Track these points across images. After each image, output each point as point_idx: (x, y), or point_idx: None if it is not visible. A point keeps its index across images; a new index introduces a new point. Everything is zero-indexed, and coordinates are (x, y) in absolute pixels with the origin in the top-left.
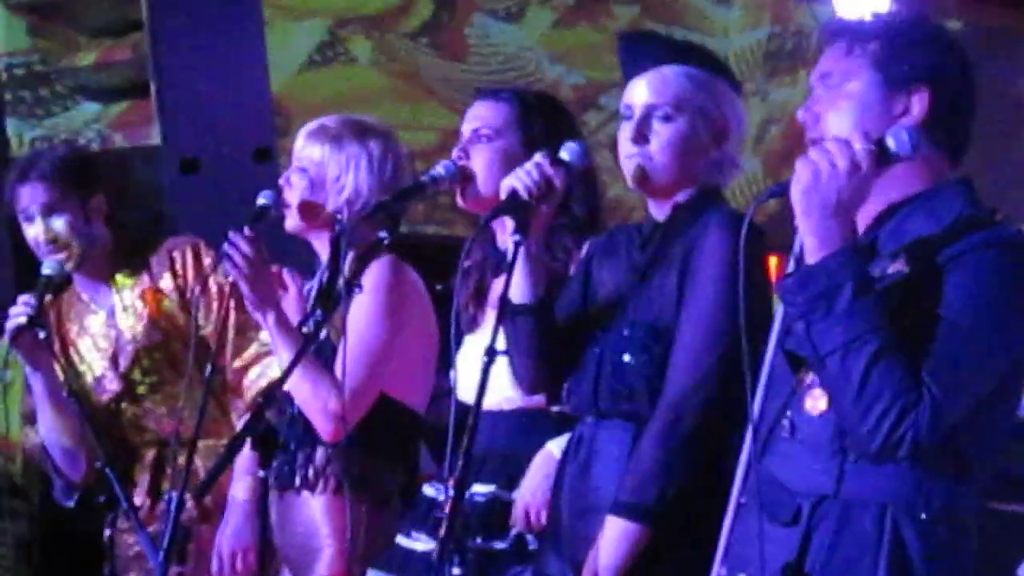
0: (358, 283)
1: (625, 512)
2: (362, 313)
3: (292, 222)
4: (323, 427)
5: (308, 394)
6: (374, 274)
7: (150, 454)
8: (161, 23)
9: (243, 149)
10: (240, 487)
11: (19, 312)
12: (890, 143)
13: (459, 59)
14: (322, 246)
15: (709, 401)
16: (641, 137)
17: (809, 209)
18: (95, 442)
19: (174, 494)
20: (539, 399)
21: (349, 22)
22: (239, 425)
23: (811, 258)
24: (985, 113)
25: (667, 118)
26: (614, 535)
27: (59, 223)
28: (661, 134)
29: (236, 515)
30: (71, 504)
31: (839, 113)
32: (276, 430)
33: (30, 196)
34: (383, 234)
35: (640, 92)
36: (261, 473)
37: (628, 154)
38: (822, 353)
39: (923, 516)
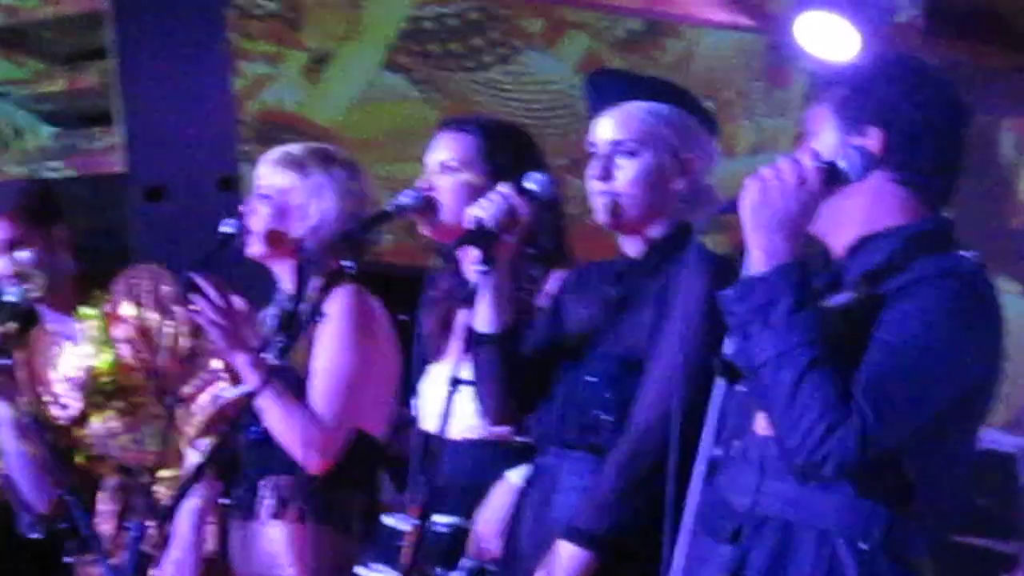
0: (321, 312)
1: (576, 538)
2: (331, 343)
3: (256, 249)
4: (307, 460)
5: (288, 429)
6: (338, 302)
7: (112, 481)
8: (127, 51)
9: (208, 178)
10: (184, 518)
11: None
12: (841, 164)
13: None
14: (283, 273)
15: (671, 435)
16: (606, 174)
17: (756, 223)
18: (57, 470)
19: (136, 522)
20: (503, 429)
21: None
22: (188, 452)
23: (755, 271)
24: None
25: (631, 153)
26: (564, 560)
27: (23, 256)
28: (626, 169)
29: (178, 547)
30: (37, 536)
31: (804, 158)
32: (238, 457)
33: None
34: (348, 263)
35: (604, 129)
36: (223, 500)
37: (595, 191)
38: (756, 364)
39: (862, 546)
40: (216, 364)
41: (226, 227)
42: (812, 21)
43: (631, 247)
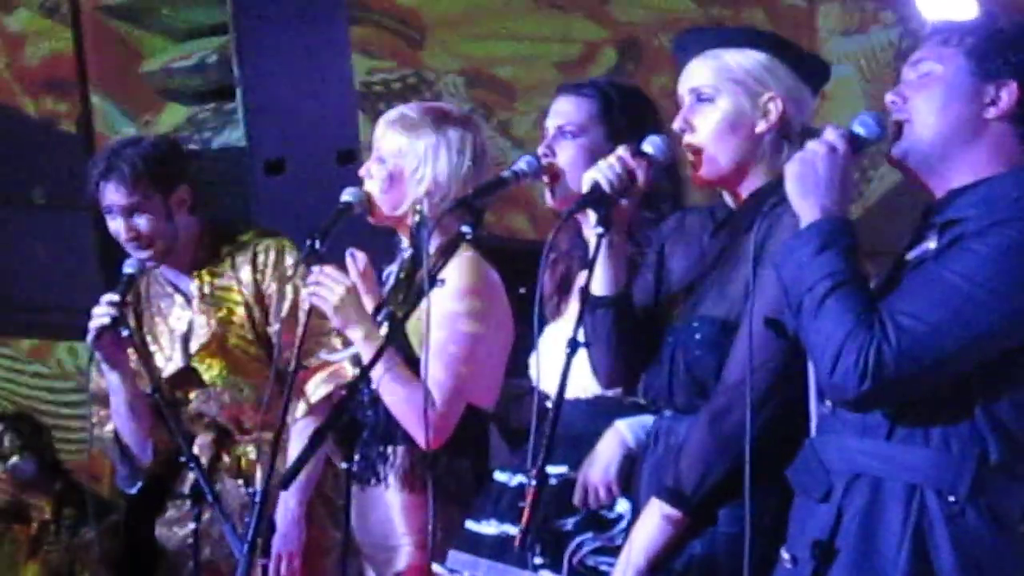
0: (440, 278)
1: (664, 496)
2: (448, 316)
3: (374, 211)
4: (421, 435)
5: (403, 403)
6: (457, 272)
7: (204, 440)
8: (246, 26)
9: (327, 151)
10: (291, 492)
11: (102, 312)
12: (857, 129)
13: None
14: (405, 234)
15: (763, 392)
16: (687, 125)
17: (796, 192)
18: (180, 440)
19: (258, 487)
20: (616, 390)
21: None
22: (298, 423)
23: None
24: None
25: (708, 100)
26: (652, 516)
27: (141, 222)
28: (704, 117)
29: (286, 520)
30: (133, 491)
31: (928, 94)
32: (358, 424)
33: (111, 196)
34: (466, 228)
35: (683, 79)
36: (343, 466)
37: (683, 144)
38: (792, 310)
39: (951, 499)
40: (336, 345)
41: (347, 196)
42: None
43: (730, 199)
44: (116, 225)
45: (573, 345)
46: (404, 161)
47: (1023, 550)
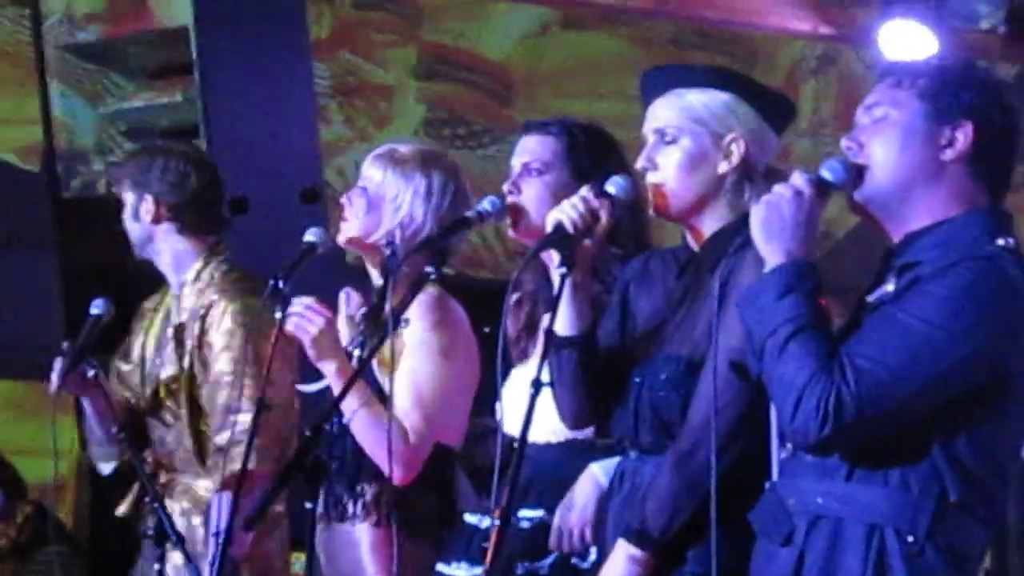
0: (405, 316)
1: (631, 537)
2: (417, 354)
3: (345, 236)
4: (392, 471)
5: (374, 440)
6: (423, 308)
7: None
8: (210, 65)
9: (291, 189)
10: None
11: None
12: (825, 174)
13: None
14: (375, 267)
15: (727, 433)
16: (651, 163)
17: (762, 236)
18: (144, 480)
19: (221, 528)
20: (586, 432)
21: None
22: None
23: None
24: None
25: (672, 140)
26: (619, 558)
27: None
28: (667, 156)
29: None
30: (108, 472)
31: (884, 140)
32: (323, 463)
33: None
34: (429, 269)
35: (648, 118)
36: (308, 505)
37: (645, 182)
38: (756, 355)
39: (910, 539)
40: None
41: (310, 236)
42: (895, 30)
43: (692, 239)
44: None
45: (537, 385)
46: (384, 190)
47: None
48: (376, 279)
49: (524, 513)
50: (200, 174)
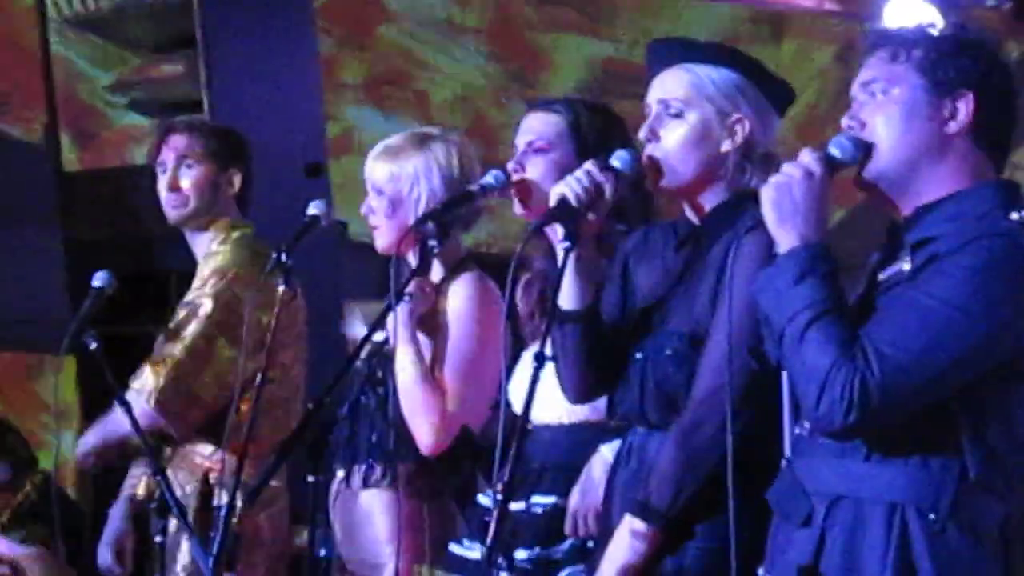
0: (408, 292)
1: (637, 512)
2: (458, 331)
3: (383, 242)
4: (426, 439)
5: (420, 405)
6: (466, 288)
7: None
8: (214, 39)
9: (294, 164)
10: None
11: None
12: (833, 151)
13: None
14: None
15: (733, 405)
16: (653, 134)
17: (775, 218)
18: (147, 451)
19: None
20: (598, 414)
21: None
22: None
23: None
24: None
25: (677, 114)
26: (624, 533)
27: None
28: (672, 130)
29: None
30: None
31: (886, 118)
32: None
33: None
34: (432, 243)
35: (654, 89)
36: (311, 478)
37: (645, 153)
38: (776, 339)
39: (931, 516)
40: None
41: (313, 209)
42: (901, 6)
43: (691, 213)
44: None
45: (540, 359)
46: (399, 185)
47: (1002, 565)
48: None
49: (537, 499)
50: None
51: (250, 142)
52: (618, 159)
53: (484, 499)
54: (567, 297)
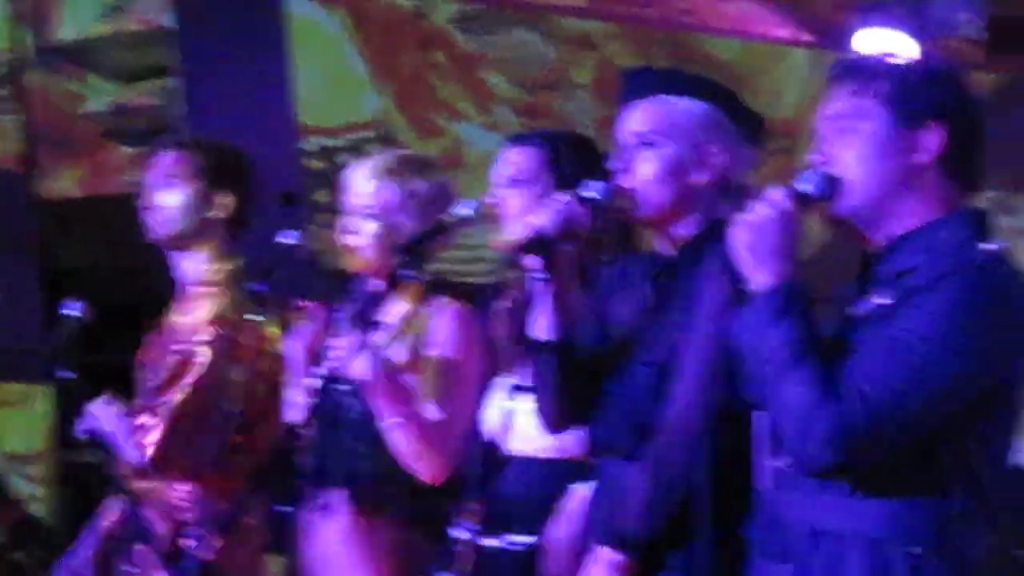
0: (378, 320)
1: (610, 542)
2: (446, 361)
3: (362, 263)
4: (426, 470)
5: (415, 439)
6: (453, 324)
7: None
8: (191, 68)
9: (270, 192)
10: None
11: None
12: (804, 187)
13: None
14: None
15: (700, 438)
16: (626, 167)
17: (751, 260)
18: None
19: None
20: (577, 448)
21: None
22: None
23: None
24: (1016, 160)
25: (650, 144)
26: (598, 564)
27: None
28: (645, 162)
29: None
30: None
31: (856, 154)
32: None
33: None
34: (409, 272)
35: (627, 121)
36: (282, 508)
37: (617, 185)
38: (754, 379)
39: (914, 550)
40: None
41: (285, 239)
42: (872, 36)
43: (663, 245)
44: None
45: (516, 389)
46: (397, 209)
47: None
48: (375, 285)
49: (515, 538)
50: None
51: None
52: (594, 190)
53: (457, 532)
54: (543, 328)
